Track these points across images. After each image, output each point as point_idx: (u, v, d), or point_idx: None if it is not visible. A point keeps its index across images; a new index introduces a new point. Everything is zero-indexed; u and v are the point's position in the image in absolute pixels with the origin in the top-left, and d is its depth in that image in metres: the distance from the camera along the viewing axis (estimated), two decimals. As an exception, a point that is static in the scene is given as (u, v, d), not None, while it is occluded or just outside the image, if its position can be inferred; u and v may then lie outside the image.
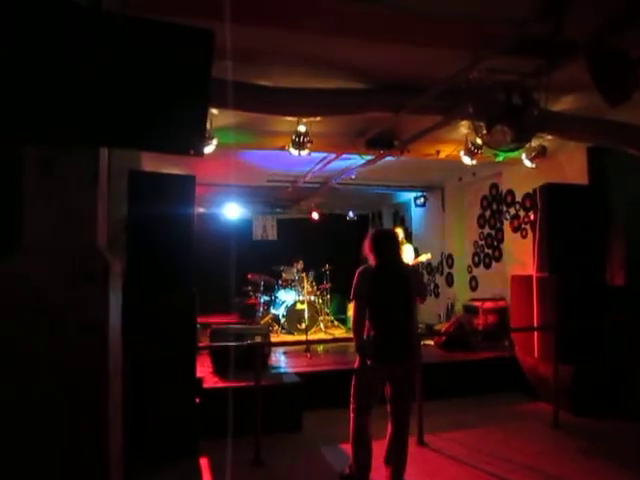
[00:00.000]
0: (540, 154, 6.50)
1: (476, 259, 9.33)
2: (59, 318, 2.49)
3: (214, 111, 4.85)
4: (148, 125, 2.61)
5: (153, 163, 6.25)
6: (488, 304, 7.96)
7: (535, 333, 6.05)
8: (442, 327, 8.15)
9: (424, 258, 8.32)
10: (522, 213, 7.85)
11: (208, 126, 5.03)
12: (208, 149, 5.23)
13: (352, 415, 3.91)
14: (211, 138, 5.22)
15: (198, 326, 5.67)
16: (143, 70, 2.55)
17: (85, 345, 2.52)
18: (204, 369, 5.66)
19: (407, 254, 7.57)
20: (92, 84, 2.46)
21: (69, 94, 2.43)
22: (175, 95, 2.62)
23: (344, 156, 7.06)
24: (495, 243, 8.81)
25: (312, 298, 9.61)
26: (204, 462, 4.42)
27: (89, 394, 2.51)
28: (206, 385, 5.17)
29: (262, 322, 9.46)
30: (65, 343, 2.48)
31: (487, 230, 9.05)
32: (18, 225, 2.53)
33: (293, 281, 10.11)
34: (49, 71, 2.40)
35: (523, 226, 7.78)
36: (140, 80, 2.55)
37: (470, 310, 8.31)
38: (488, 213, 9.03)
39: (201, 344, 6.27)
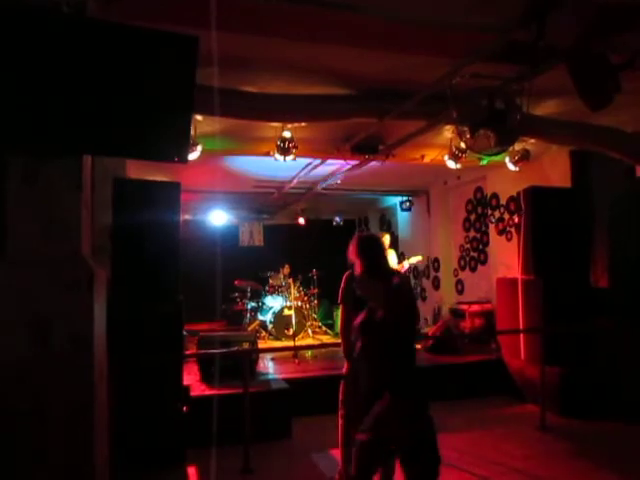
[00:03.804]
0: (524, 158, 6.56)
1: (462, 262, 9.39)
2: (44, 327, 2.46)
3: (198, 117, 4.84)
4: (132, 132, 2.60)
5: (138, 170, 6.21)
6: (474, 307, 8.01)
7: (521, 335, 6.09)
8: (429, 331, 8.18)
9: (415, 260, 8.32)
10: (507, 216, 7.91)
11: (192, 132, 5.01)
12: (193, 155, 5.21)
13: (341, 421, 3.89)
14: (196, 144, 5.20)
15: (185, 333, 5.64)
16: (126, 77, 2.53)
17: (70, 354, 2.49)
18: (192, 377, 5.62)
19: (391, 260, 7.58)
20: (75, 91, 2.44)
21: (52, 102, 2.41)
22: (159, 102, 2.61)
23: (330, 161, 7.08)
24: (481, 246, 8.87)
25: (299, 304, 9.60)
26: (192, 471, 4.39)
27: (74, 403, 2.48)
28: (193, 393, 5.13)
29: (249, 329, 9.43)
30: (50, 352, 2.45)
31: (472, 233, 9.11)
32: (1, 234, 2.50)
33: (280, 287, 10.09)
34: (32, 80, 2.38)
35: (508, 229, 7.85)
36: (123, 87, 2.54)
37: (457, 313, 8.35)
38: (473, 216, 9.09)
39: (188, 352, 6.22)
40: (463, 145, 5.64)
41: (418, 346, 7.58)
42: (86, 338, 2.54)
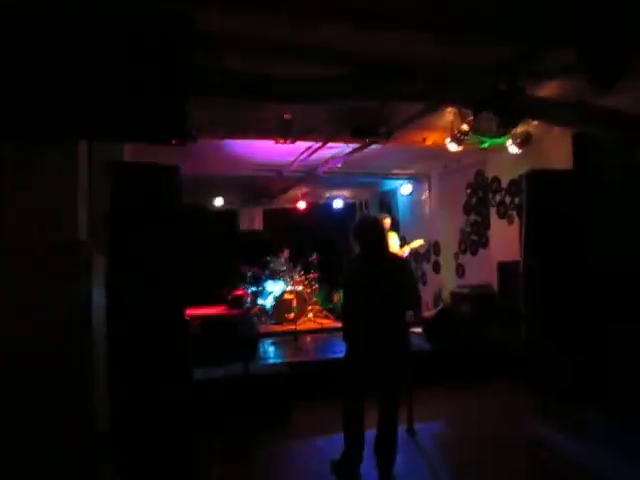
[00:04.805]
0: (525, 140, 6.50)
1: (462, 246, 9.36)
2: (42, 314, 2.44)
3: (196, 99, 4.76)
4: (128, 116, 2.55)
5: (136, 154, 6.15)
6: (475, 291, 8.00)
7: (522, 320, 6.07)
8: (429, 315, 8.17)
9: (417, 244, 8.28)
10: (508, 199, 7.87)
11: (190, 115, 4.95)
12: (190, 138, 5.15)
13: (343, 404, 3.90)
14: (193, 127, 5.13)
15: (187, 318, 5.62)
16: (121, 59, 2.48)
17: (69, 342, 2.47)
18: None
19: (393, 243, 7.54)
20: (69, 76, 2.39)
21: (47, 87, 2.36)
22: (155, 84, 2.55)
23: (330, 145, 7.01)
24: (481, 230, 8.83)
25: (300, 288, 9.60)
26: (195, 454, 4.40)
27: (74, 393, 2.47)
28: (195, 377, 5.12)
29: (250, 313, 9.43)
30: (49, 340, 2.43)
31: (473, 217, 9.06)
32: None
33: (281, 271, 10.09)
34: (25, 64, 2.32)
35: (509, 212, 7.81)
36: (118, 69, 2.48)
37: (457, 297, 8.35)
38: (474, 200, 9.04)
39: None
40: (465, 127, 5.60)
41: (418, 330, 7.59)
42: (85, 324, 2.51)
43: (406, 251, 7.95)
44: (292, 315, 8.99)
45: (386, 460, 3.86)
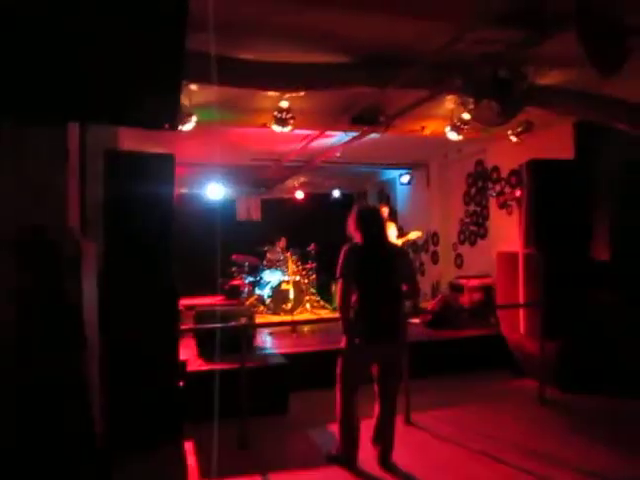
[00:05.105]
0: (526, 129, 6.43)
1: (461, 237, 9.30)
2: (30, 305, 2.37)
3: (193, 87, 4.68)
4: (119, 99, 2.48)
5: (132, 143, 6.06)
6: (473, 282, 7.95)
7: (521, 310, 6.04)
8: (428, 305, 8.13)
9: (414, 236, 8.22)
10: (508, 189, 7.80)
11: (187, 102, 4.87)
12: (187, 126, 5.07)
13: (338, 395, 3.86)
14: (190, 115, 5.05)
15: (181, 308, 5.57)
16: (112, 40, 2.40)
17: (59, 332, 2.41)
18: (189, 352, 5.57)
19: (391, 233, 7.47)
20: (60, 55, 2.31)
21: (35, 67, 2.29)
22: (147, 66, 2.48)
23: (328, 133, 6.93)
24: (480, 220, 8.78)
25: (297, 278, 9.54)
26: (189, 446, 4.36)
27: (64, 381, 2.41)
28: (190, 368, 5.08)
29: (247, 303, 9.38)
30: (37, 330, 2.37)
31: (472, 207, 9.01)
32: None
33: (278, 261, 10.03)
34: (13, 43, 2.25)
35: (509, 203, 7.74)
36: (109, 50, 2.41)
37: (456, 288, 8.30)
38: (473, 190, 8.97)
39: (184, 326, 6.16)
40: (465, 116, 5.52)
41: (417, 320, 7.56)
42: (75, 315, 2.45)
43: (400, 243, 7.89)
44: (289, 305, 8.94)
45: (384, 449, 3.84)
